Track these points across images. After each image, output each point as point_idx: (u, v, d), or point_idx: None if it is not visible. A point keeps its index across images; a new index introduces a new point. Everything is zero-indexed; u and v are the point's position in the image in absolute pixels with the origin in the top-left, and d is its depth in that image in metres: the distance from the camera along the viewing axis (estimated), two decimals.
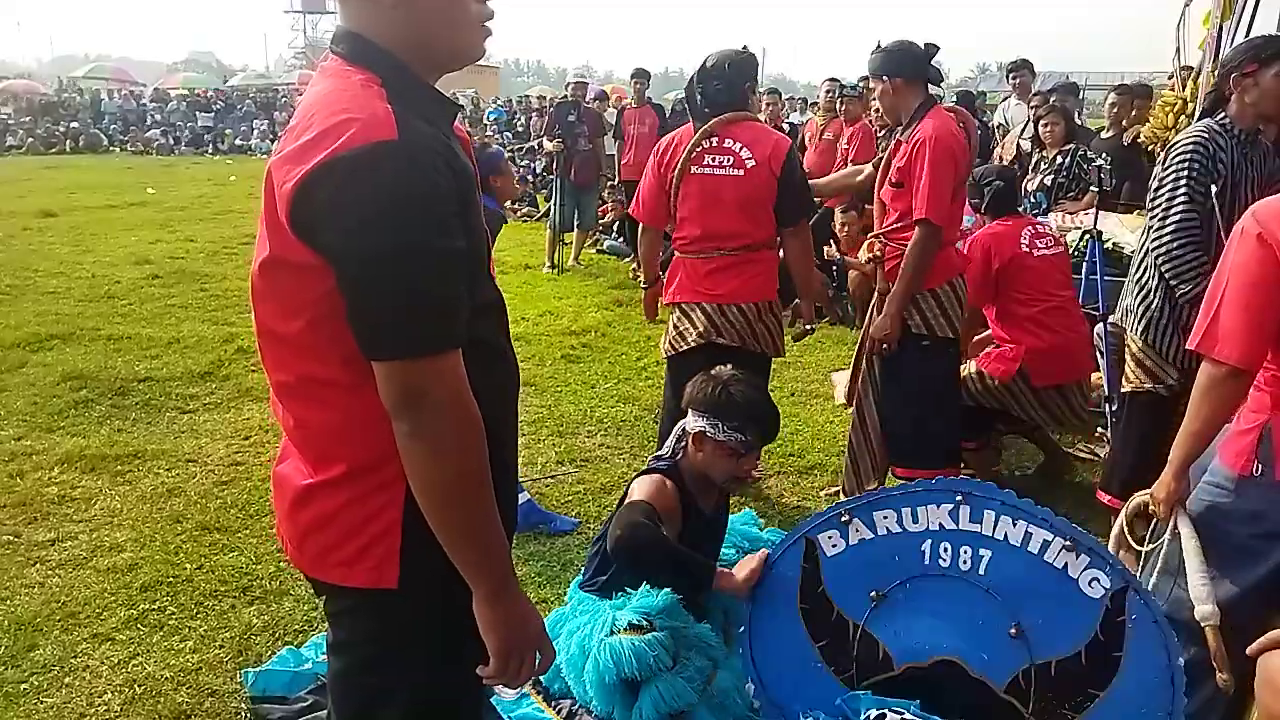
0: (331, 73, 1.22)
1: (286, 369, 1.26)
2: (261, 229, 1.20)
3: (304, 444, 1.30)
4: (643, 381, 5.29)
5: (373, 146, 1.09)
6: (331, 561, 1.29)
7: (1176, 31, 6.58)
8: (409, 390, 1.14)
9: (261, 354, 1.30)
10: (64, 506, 3.55)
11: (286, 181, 1.11)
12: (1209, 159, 2.82)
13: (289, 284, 1.18)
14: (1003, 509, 1.99)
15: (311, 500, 1.28)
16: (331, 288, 1.13)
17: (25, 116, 23.91)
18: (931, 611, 2.00)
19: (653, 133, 8.82)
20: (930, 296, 3.23)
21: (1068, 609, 1.94)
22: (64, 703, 2.42)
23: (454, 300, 1.16)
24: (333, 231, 1.10)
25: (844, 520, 2.00)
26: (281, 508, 1.35)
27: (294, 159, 1.11)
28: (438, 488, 1.19)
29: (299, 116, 1.18)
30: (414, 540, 1.24)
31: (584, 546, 3.22)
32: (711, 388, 2.38)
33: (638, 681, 2.16)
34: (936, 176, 3.06)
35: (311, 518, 1.29)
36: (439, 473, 1.18)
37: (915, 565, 2.00)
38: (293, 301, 1.19)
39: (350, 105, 1.13)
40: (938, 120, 3.13)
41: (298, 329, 1.20)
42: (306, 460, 1.29)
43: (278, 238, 1.15)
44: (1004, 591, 1.96)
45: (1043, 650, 1.93)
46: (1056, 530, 1.97)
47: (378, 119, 1.11)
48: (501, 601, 1.26)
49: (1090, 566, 1.94)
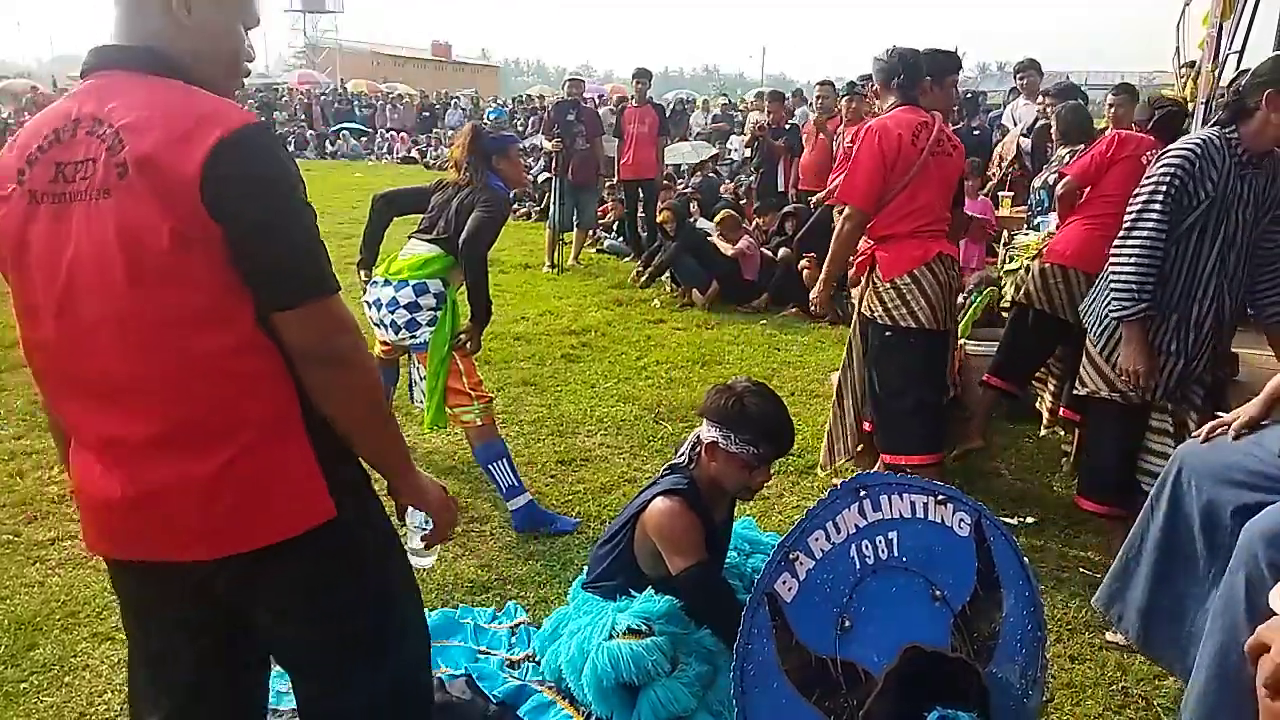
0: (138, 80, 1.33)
1: (178, 356, 1.29)
2: (116, 221, 1.25)
3: (196, 429, 1.31)
4: (643, 381, 5.29)
5: (256, 126, 1.28)
6: (266, 522, 1.34)
7: (1176, 31, 6.59)
8: (327, 326, 1.31)
9: (121, 362, 1.30)
10: (64, 506, 3.54)
11: (177, 165, 1.22)
12: (1191, 177, 2.70)
13: (196, 261, 1.26)
14: (890, 489, 2.08)
15: (230, 474, 1.31)
16: (227, 257, 1.26)
17: (25, 116, 23.90)
18: (880, 610, 2.02)
19: (652, 132, 8.83)
20: (890, 287, 3.35)
21: (956, 554, 2.07)
22: (64, 702, 2.42)
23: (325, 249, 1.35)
24: (239, 200, 1.24)
25: (791, 559, 1.99)
26: (179, 510, 1.33)
27: (173, 147, 1.23)
28: (364, 404, 1.38)
29: (126, 115, 1.26)
30: (327, 468, 1.38)
31: (584, 546, 3.23)
32: (725, 399, 2.35)
33: (636, 686, 2.16)
34: (857, 160, 3.32)
35: (234, 490, 1.32)
36: (361, 392, 1.37)
37: (851, 572, 2.02)
38: (197, 276, 1.26)
39: (202, 99, 1.30)
40: (892, 115, 3.35)
41: (204, 304, 1.28)
42: (202, 444, 1.31)
43: (180, 218, 1.23)
44: (917, 562, 2.05)
45: (957, 600, 2.05)
46: (925, 490, 2.09)
47: (238, 107, 1.31)
48: (415, 474, 1.50)
49: (955, 510, 2.08)
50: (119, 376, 1.31)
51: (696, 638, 2.26)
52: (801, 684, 1.97)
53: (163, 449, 1.32)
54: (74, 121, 1.30)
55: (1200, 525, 2.18)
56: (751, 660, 1.94)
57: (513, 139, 3.77)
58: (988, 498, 3.60)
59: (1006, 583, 2.08)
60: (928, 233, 3.39)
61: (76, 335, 1.31)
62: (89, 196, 1.26)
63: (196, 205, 1.22)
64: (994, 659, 2.04)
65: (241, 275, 1.27)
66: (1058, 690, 2.53)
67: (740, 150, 12.16)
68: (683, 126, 15.19)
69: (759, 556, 2.72)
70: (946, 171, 3.43)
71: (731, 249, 7.43)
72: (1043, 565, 3.17)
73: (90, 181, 1.26)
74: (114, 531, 1.40)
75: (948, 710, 1.93)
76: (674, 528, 2.28)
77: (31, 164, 1.31)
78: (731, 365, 5.65)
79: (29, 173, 1.31)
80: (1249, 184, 2.73)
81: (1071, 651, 2.71)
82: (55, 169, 1.29)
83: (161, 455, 1.32)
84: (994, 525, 2.11)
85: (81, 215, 1.27)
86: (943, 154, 3.39)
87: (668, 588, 2.29)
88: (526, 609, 2.86)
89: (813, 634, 1.98)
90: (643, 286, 7.69)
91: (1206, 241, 2.76)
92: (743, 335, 6.42)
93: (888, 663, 1.98)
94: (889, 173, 3.29)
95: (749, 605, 1.95)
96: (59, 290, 1.30)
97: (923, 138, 3.31)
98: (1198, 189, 2.71)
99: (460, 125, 6.02)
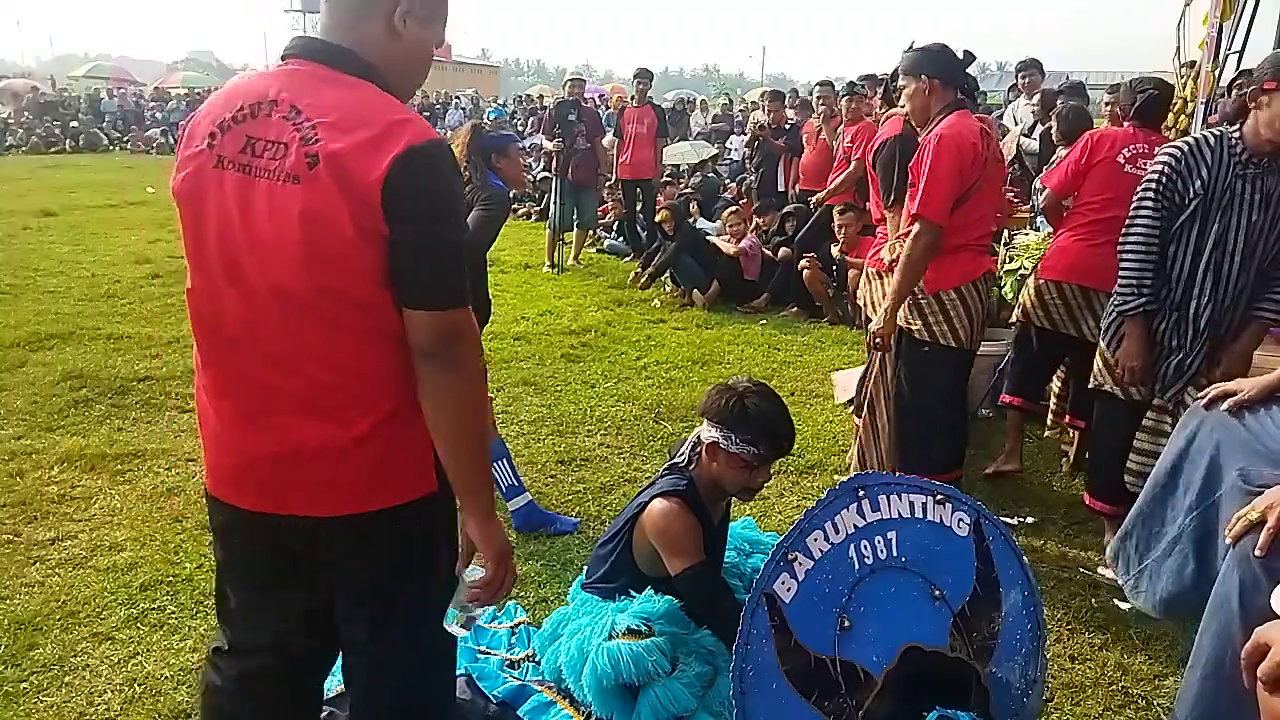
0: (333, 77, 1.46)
1: (335, 331, 1.43)
2: (301, 207, 1.38)
3: (342, 398, 1.46)
4: (643, 381, 5.29)
5: (435, 142, 1.40)
6: (391, 486, 1.51)
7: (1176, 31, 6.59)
8: (449, 332, 1.43)
9: (282, 327, 1.44)
10: (64, 506, 3.55)
11: (365, 167, 1.35)
12: (1179, 175, 2.78)
13: (366, 252, 1.39)
14: (889, 488, 2.07)
15: (372, 441, 1.47)
16: (385, 253, 1.39)
17: (25, 115, 23.90)
18: (880, 610, 2.02)
19: (651, 132, 8.83)
20: (934, 300, 3.19)
21: (955, 553, 2.07)
22: (64, 702, 2.42)
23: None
24: (409, 208, 1.37)
25: (789, 559, 1.99)
26: (318, 470, 1.48)
27: (363, 150, 1.36)
28: (466, 413, 1.48)
29: (324, 112, 1.39)
30: (434, 454, 1.53)
31: (584, 546, 3.23)
32: (726, 399, 2.34)
33: (636, 686, 2.16)
34: (936, 174, 3.03)
35: (373, 455, 1.48)
36: (467, 401, 1.47)
37: (851, 572, 2.02)
38: (364, 267, 1.40)
39: (393, 107, 1.42)
40: (955, 121, 3.09)
41: (363, 291, 1.41)
42: (346, 413, 1.47)
43: (360, 214, 1.37)
44: (916, 562, 2.05)
45: (956, 600, 2.04)
46: (924, 490, 2.08)
47: (423, 121, 1.44)
48: (493, 518, 1.56)
49: (954, 510, 2.08)
50: (278, 343, 1.44)
51: (696, 638, 2.26)
52: (801, 684, 1.97)
53: (311, 414, 1.46)
54: (270, 102, 1.42)
55: (1204, 471, 2.21)
56: (751, 661, 1.94)
57: (512, 138, 3.76)
58: (987, 497, 3.60)
59: (1006, 582, 2.08)
60: (978, 247, 3.25)
61: (243, 298, 1.44)
62: (276, 177, 1.39)
63: (375, 206, 1.36)
64: (994, 659, 2.04)
65: (391, 271, 1.40)
66: (1058, 690, 2.53)
67: (740, 150, 12.15)
68: (682, 126, 15.16)
69: (759, 556, 2.72)
70: (998, 181, 3.30)
71: (734, 248, 7.43)
72: (1043, 565, 3.17)
73: (280, 164, 1.39)
74: (247, 483, 1.53)
75: (948, 710, 1.93)
76: (673, 529, 2.27)
77: (223, 130, 1.44)
78: (731, 365, 5.65)
79: (219, 139, 1.44)
80: (1252, 184, 2.73)
81: (1071, 651, 2.71)
82: (245, 140, 1.42)
83: (309, 419, 1.47)
84: (993, 525, 2.11)
85: (265, 192, 1.40)
86: (997, 162, 3.25)
87: (667, 588, 2.29)
88: (526, 609, 2.86)
89: (812, 634, 1.97)
90: (643, 288, 7.70)
91: (1202, 239, 2.79)
92: (743, 335, 6.42)
93: (887, 663, 1.98)
94: (962, 185, 3.09)
95: (748, 606, 1.95)
96: (232, 254, 1.43)
97: (983, 147, 3.12)
98: (1186, 187, 2.77)
99: (460, 125, 6.00)
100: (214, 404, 1.55)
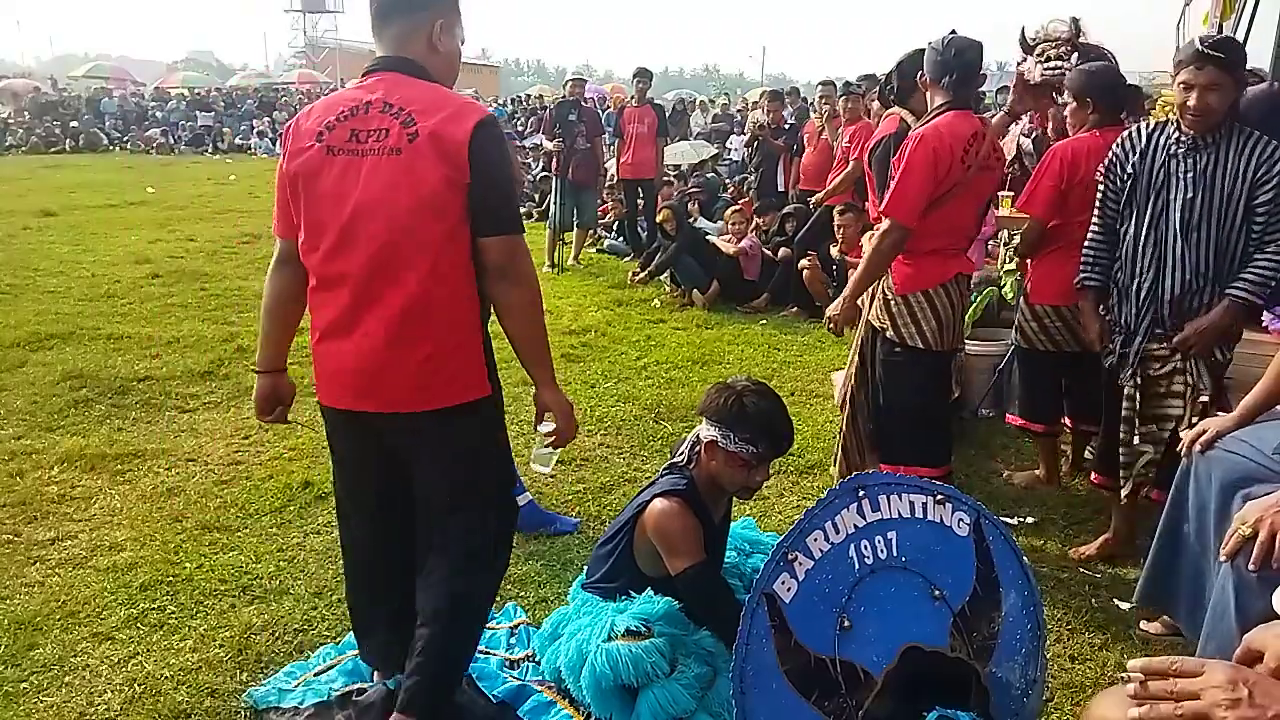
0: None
1: (421, 263, 1.90)
2: (405, 170, 1.88)
3: (421, 318, 1.92)
4: (643, 381, 5.28)
5: (493, 117, 1.96)
6: (456, 388, 2.01)
7: (1176, 31, 6.58)
8: (515, 252, 1.96)
9: (388, 261, 1.90)
10: (64, 506, 3.55)
11: (454, 135, 1.87)
12: (1116, 160, 3.01)
13: (454, 198, 1.89)
14: (889, 488, 2.08)
15: (435, 356, 1.95)
16: (465, 198, 1.89)
17: (25, 115, 23.90)
18: (880, 610, 2.01)
19: (651, 132, 8.83)
20: (901, 301, 3.17)
21: (955, 553, 2.07)
22: (64, 702, 2.42)
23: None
24: (484, 160, 1.89)
25: (789, 559, 1.99)
26: (398, 374, 1.95)
27: (449, 124, 1.88)
28: (533, 315, 2.04)
29: (412, 103, 1.91)
30: (487, 361, 2.08)
31: (584, 546, 3.23)
32: (725, 398, 2.34)
33: (635, 688, 2.16)
34: (908, 174, 3.00)
35: (435, 368, 1.96)
36: (531, 306, 2.02)
37: (851, 572, 2.01)
38: (448, 209, 1.89)
39: (455, 96, 1.99)
40: (940, 121, 3.05)
41: (450, 229, 1.91)
42: (424, 329, 1.93)
43: (452, 169, 1.87)
44: (916, 562, 2.05)
45: (956, 600, 2.05)
46: (924, 490, 2.09)
47: (479, 103, 2.06)
48: (556, 385, 2.13)
49: (954, 510, 2.09)
50: (381, 279, 1.92)
51: (696, 639, 2.26)
52: (801, 684, 1.97)
53: (395, 337, 1.93)
54: (366, 103, 1.93)
55: (1215, 508, 2.25)
56: (751, 661, 1.94)
57: (511, 137, 3.76)
58: (987, 497, 3.60)
59: (1006, 582, 2.09)
60: (951, 250, 3.19)
61: (354, 247, 1.91)
62: (381, 153, 1.88)
63: (463, 160, 1.87)
64: (994, 659, 2.04)
65: (470, 211, 1.90)
66: (1058, 690, 2.52)
67: (740, 150, 12.15)
68: (682, 126, 15.16)
69: (759, 556, 2.72)
70: (985, 187, 3.23)
71: (734, 248, 7.43)
72: (1043, 565, 3.17)
73: (383, 143, 1.88)
74: (345, 389, 2.02)
75: (948, 710, 1.93)
76: (672, 529, 2.28)
77: (330, 129, 1.93)
78: (731, 365, 5.65)
79: (328, 134, 1.93)
80: (1184, 161, 2.82)
81: (1071, 651, 2.71)
82: (351, 133, 1.91)
83: (393, 340, 1.93)
84: (993, 525, 2.12)
85: (371, 166, 1.89)
86: (986, 168, 3.14)
87: (668, 588, 2.29)
88: (526, 609, 2.86)
89: (812, 634, 1.97)
90: (642, 284, 7.69)
91: (1140, 220, 2.94)
92: (743, 335, 6.42)
93: (887, 663, 1.98)
94: (937, 188, 3.03)
95: (748, 606, 1.95)
96: (346, 215, 1.90)
97: (971, 153, 3.03)
98: (1121, 171, 2.99)
99: None
100: (330, 332, 2.00)
